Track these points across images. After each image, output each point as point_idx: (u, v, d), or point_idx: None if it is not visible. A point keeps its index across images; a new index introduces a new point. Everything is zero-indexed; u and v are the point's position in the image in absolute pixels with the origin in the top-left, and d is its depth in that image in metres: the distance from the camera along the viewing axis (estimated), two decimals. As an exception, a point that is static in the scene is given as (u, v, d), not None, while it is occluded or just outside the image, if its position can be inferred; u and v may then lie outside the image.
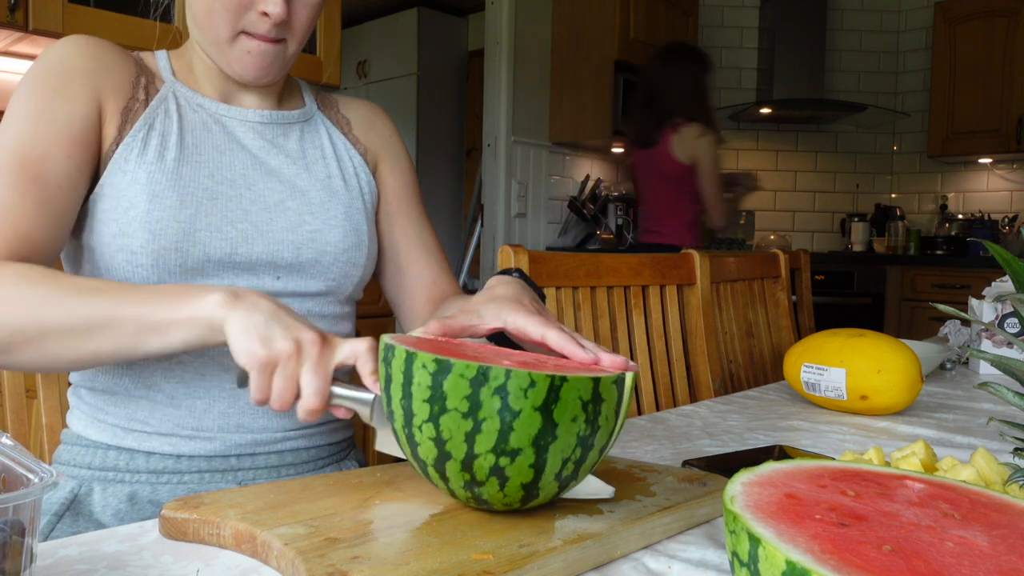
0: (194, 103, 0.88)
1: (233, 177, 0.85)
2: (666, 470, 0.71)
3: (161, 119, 0.84)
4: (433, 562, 0.48)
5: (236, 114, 0.90)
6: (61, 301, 0.68)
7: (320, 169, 0.92)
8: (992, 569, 0.36)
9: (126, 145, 0.81)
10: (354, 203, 0.93)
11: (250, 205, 0.85)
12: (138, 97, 0.84)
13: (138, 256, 0.79)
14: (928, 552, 0.38)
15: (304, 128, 0.95)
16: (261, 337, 0.63)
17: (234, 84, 0.90)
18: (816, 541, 0.38)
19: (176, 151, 0.83)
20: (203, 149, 0.85)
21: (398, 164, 1.03)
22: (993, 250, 0.58)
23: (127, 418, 0.82)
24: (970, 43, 3.85)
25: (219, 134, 0.87)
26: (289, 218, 0.87)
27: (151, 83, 0.87)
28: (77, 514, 0.80)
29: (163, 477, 0.82)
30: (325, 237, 0.89)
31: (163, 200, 0.79)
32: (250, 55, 0.84)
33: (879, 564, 0.36)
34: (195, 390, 0.82)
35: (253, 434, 0.84)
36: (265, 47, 0.83)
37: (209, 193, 0.83)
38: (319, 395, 0.63)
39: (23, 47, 1.89)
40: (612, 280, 1.32)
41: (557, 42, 3.76)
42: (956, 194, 4.21)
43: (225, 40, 0.83)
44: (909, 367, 1.05)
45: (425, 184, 4.84)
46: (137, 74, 0.86)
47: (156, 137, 0.83)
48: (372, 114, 1.04)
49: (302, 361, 0.63)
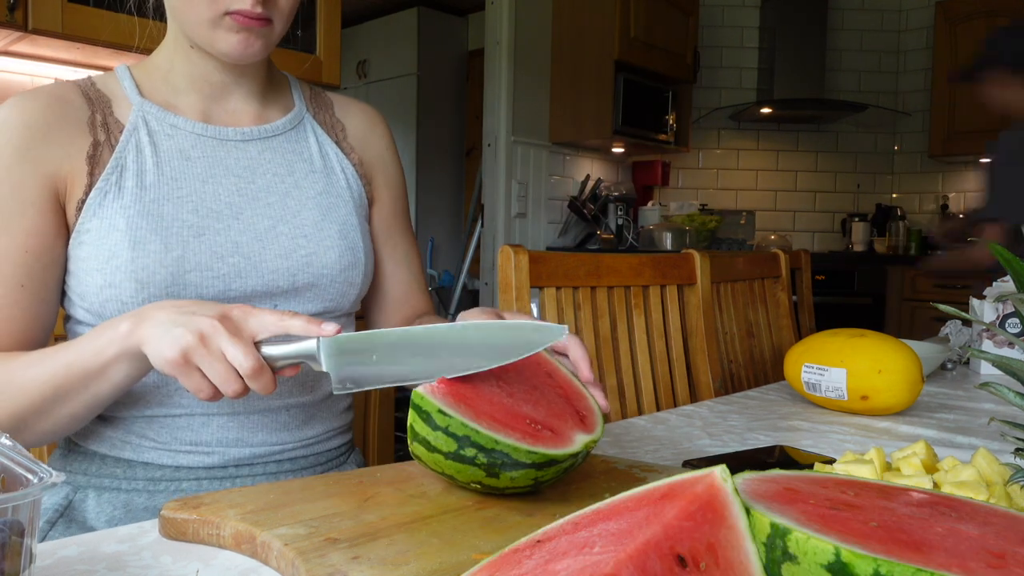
0: (168, 125, 0.84)
1: (219, 208, 0.82)
2: (666, 470, 0.71)
3: (133, 156, 0.80)
4: (433, 562, 0.48)
5: (215, 133, 0.85)
6: (14, 390, 0.71)
7: (310, 185, 0.89)
8: (976, 548, 0.36)
9: (99, 190, 0.78)
10: (348, 219, 0.90)
11: (239, 236, 0.82)
12: (99, 139, 0.80)
13: (128, 306, 0.76)
14: (914, 530, 0.37)
15: (291, 137, 0.91)
16: (167, 342, 0.63)
17: (216, 84, 0.86)
18: (804, 515, 0.38)
19: (155, 190, 0.79)
20: (183, 181, 0.81)
21: (391, 179, 1.00)
22: (994, 250, 0.57)
23: (124, 431, 0.82)
24: (971, 43, 3.84)
25: (199, 161, 0.83)
26: (282, 244, 0.84)
27: (109, 116, 0.82)
28: (70, 521, 0.79)
29: (160, 485, 0.81)
30: (321, 260, 0.86)
31: (146, 246, 0.77)
32: (236, 34, 0.79)
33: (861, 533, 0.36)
34: (192, 408, 0.81)
35: (252, 448, 0.83)
36: (250, 24, 0.79)
37: (195, 230, 0.79)
38: (247, 356, 0.62)
39: (22, 47, 1.89)
40: (612, 280, 1.32)
41: (557, 42, 3.76)
42: (957, 194, 4.21)
43: (208, 21, 0.78)
44: (910, 367, 1.05)
45: (425, 184, 4.84)
46: (91, 113, 0.81)
47: (131, 177, 0.79)
48: (370, 123, 1.00)
49: (215, 339, 0.63)
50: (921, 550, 0.35)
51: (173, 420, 0.81)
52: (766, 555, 0.38)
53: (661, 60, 3.79)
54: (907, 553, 0.35)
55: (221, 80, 0.87)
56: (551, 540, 0.39)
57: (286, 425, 0.85)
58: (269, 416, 0.84)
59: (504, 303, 1.17)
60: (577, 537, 0.38)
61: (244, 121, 0.89)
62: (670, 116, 3.89)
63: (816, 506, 0.40)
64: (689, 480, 0.41)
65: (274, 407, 0.84)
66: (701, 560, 0.36)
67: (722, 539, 0.37)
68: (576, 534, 0.39)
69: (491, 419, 0.57)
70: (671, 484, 0.41)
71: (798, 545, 0.36)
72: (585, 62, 3.65)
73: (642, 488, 0.42)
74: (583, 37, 3.66)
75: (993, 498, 0.55)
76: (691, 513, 0.38)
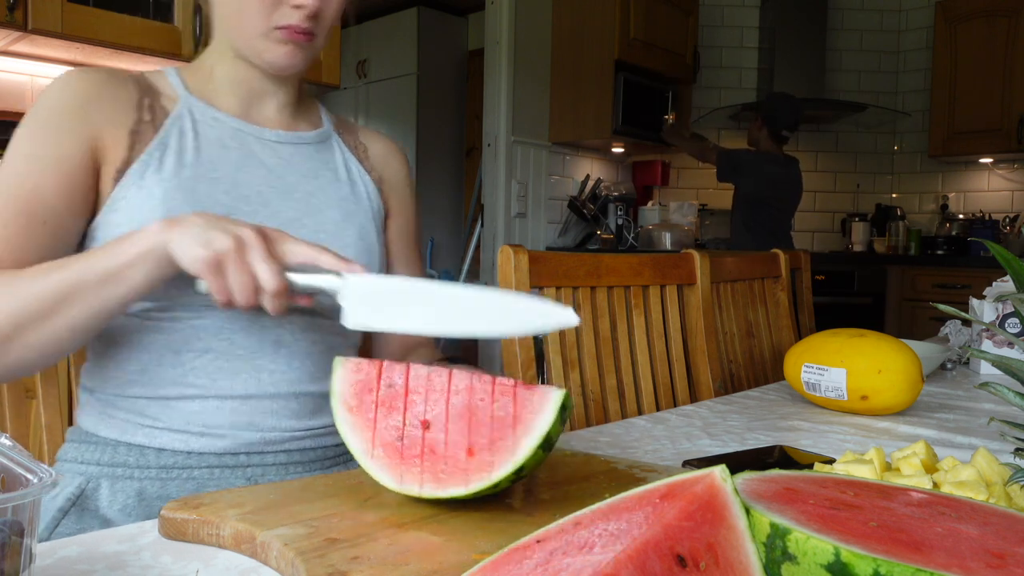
0: (210, 117, 0.89)
1: (249, 194, 0.87)
2: (666, 470, 0.71)
3: (176, 138, 0.85)
4: (433, 562, 0.48)
5: (253, 131, 0.91)
6: (19, 291, 0.72)
7: (334, 190, 0.94)
8: (976, 548, 0.36)
9: (141, 162, 0.82)
10: (367, 224, 0.95)
11: (266, 222, 0.85)
12: (143, 118, 0.85)
13: None
14: (913, 530, 0.38)
15: (320, 148, 0.97)
16: (201, 242, 0.67)
17: (255, 90, 0.92)
18: (803, 515, 0.38)
19: (193, 168, 0.84)
20: (220, 165, 0.86)
21: (405, 206, 1.05)
22: (994, 250, 0.57)
23: (138, 414, 0.83)
24: (971, 42, 3.85)
25: (236, 150, 0.89)
26: (304, 236, 0.87)
27: (156, 103, 0.87)
28: (83, 510, 0.80)
29: (172, 472, 0.82)
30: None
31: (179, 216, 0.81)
32: (283, 46, 0.85)
33: (861, 533, 0.36)
34: (206, 390, 0.83)
35: (263, 433, 0.85)
36: (297, 38, 0.85)
37: (225, 210, 0.84)
38: (275, 277, 0.67)
39: (22, 46, 1.89)
40: (612, 280, 1.32)
41: (557, 42, 3.76)
42: (957, 194, 4.21)
43: (259, 35, 0.85)
44: (910, 367, 1.05)
45: (425, 184, 4.84)
46: (140, 96, 0.86)
47: (172, 155, 0.84)
48: (389, 151, 1.06)
49: (249, 252, 0.67)
50: (921, 550, 0.35)
51: (186, 403, 0.83)
52: (766, 555, 0.38)
53: (661, 60, 3.79)
54: (907, 553, 0.35)
55: (260, 87, 0.92)
56: (551, 540, 0.39)
57: (296, 413, 0.87)
58: (279, 402, 0.86)
59: (504, 303, 1.17)
60: (577, 537, 0.38)
61: (277, 127, 0.95)
62: (670, 116, 3.89)
63: (816, 506, 0.40)
64: (689, 480, 0.41)
65: (284, 393, 0.86)
66: (701, 560, 0.36)
67: (722, 539, 0.37)
68: (576, 534, 0.39)
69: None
70: (671, 484, 0.41)
71: (798, 545, 0.36)
72: (585, 62, 3.66)
73: (642, 488, 0.42)
74: (583, 37, 3.66)
75: (993, 498, 0.55)
76: (691, 513, 0.38)
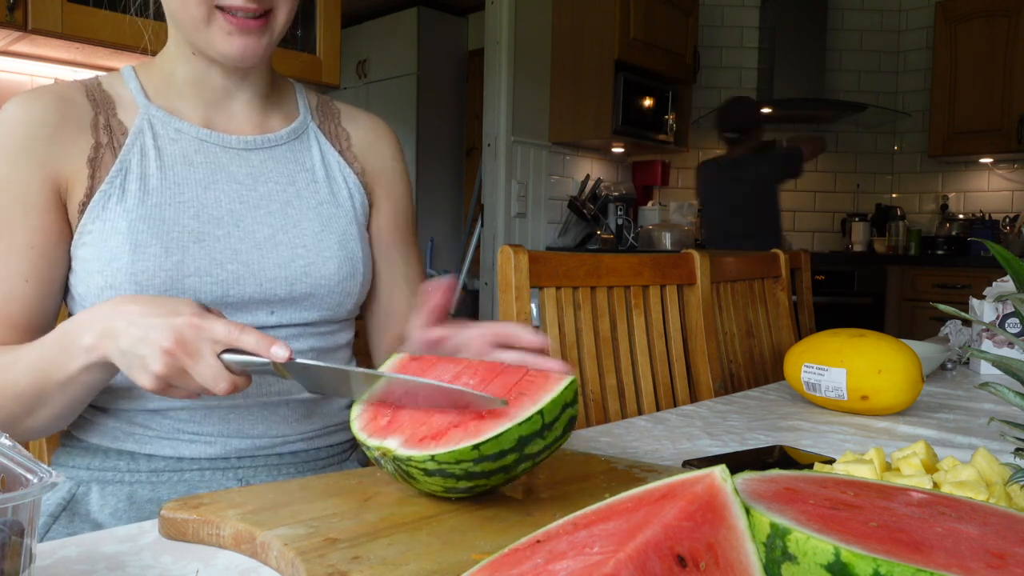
0: (172, 130, 0.84)
1: (220, 214, 0.82)
2: (666, 470, 0.71)
3: (137, 159, 0.81)
4: (433, 562, 0.48)
5: (219, 140, 0.86)
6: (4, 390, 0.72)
7: (311, 195, 0.89)
8: (977, 548, 0.36)
9: (103, 192, 0.79)
10: (348, 229, 0.90)
11: (239, 244, 0.82)
12: (101, 141, 0.81)
13: None
14: (914, 530, 0.37)
15: (294, 147, 0.91)
16: (138, 368, 0.64)
17: (218, 89, 0.86)
18: (803, 515, 0.38)
19: (157, 194, 0.80)
20: (186, 187, 0.82)
21: (395, 190, 0.99)
22: (994, 250, 0.57)
23: (127, 423, 0.82)
24: (971, 42, 3.85)
25: (202, 166, 0.83)
26: (281, 253, 0.84)
27: (113, 118, 0.82)
28: (73, 514, 0.80)
29: (163, 476, 0.82)
30: (319, 271, 0.86)
31: (146, 249, 0.77)
32: (231, 34, 0.79)
33: (861, 533, 0.36)
34: (193, 401, 0.81)
35: (253, 439, 0.84)
36: (247, 25, 0.78)
37: (195, 236, 0.80)
38: (217, 380, 0.63)
39: (22, 47, 1.89)
40: (612, 280, 1.32)
41: (557, 42, 3.76)
42: (957, 194, 4.21)
43: (201, 20, 0.78)
44: (910, 367, 1.05)
45: (425, 184, 4.83)
46: (94, 115, 0.82)
47: (134, 180, 0.80)
48: (376, 133, 0.99)
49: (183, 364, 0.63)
50: (921, 550, 0.35)
51: (176, 412, 0.82)
52: (766, 555, 0.38)
53: (661, 60, 3.79)
54: (907, 553, 0.35)
55: (223, 85, 0.87)
56: (551, 540, 0.39)
57: (285, 418, 0.86)
58: (269, 409, 0.85)
59: (504, 303, 1.17)
60: (577, 537, 0.38)
61: (246, 128, 0.89)
62: (670, 116, 3.89)
63: (816, 506, 0.40)
64: (689, 480, 0.41)
65: (273, 401, 0.85)
66: (701, 560, 0.36)
67: (722, 539, 0.37)
68: (576, 534, 0.39)
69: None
70: (671, 484, 0.41)
71: (798, 545, 0.36)
72: (585, 62, 3.65)
73: (642, 488, 0.42)
74: (583, 37, 3.66)
75: (993, 498, 0.55)
76: (691, 513, 0.38)
